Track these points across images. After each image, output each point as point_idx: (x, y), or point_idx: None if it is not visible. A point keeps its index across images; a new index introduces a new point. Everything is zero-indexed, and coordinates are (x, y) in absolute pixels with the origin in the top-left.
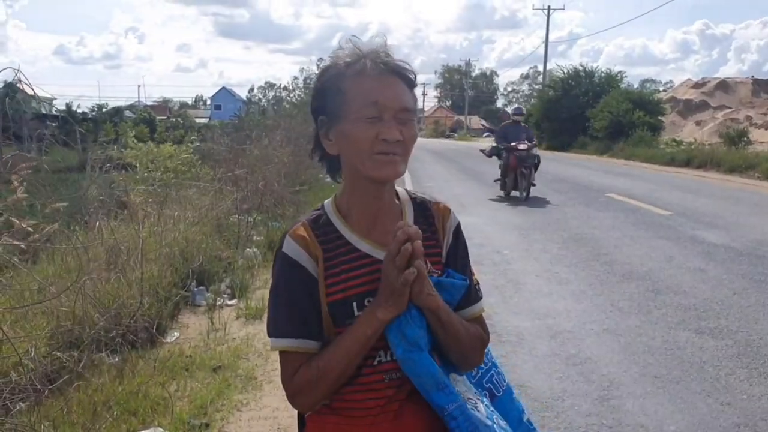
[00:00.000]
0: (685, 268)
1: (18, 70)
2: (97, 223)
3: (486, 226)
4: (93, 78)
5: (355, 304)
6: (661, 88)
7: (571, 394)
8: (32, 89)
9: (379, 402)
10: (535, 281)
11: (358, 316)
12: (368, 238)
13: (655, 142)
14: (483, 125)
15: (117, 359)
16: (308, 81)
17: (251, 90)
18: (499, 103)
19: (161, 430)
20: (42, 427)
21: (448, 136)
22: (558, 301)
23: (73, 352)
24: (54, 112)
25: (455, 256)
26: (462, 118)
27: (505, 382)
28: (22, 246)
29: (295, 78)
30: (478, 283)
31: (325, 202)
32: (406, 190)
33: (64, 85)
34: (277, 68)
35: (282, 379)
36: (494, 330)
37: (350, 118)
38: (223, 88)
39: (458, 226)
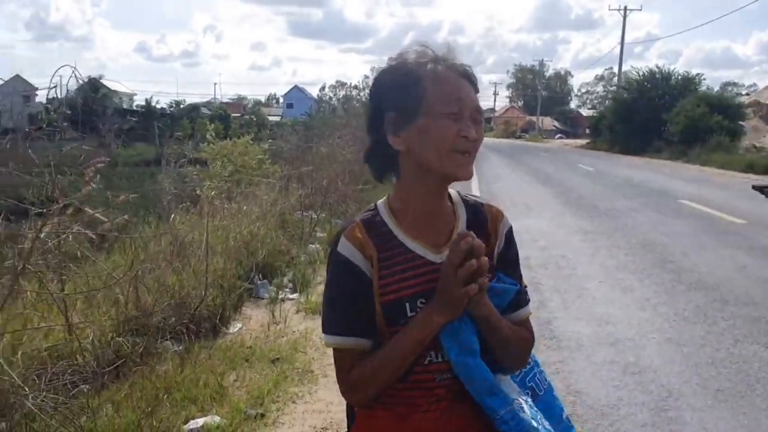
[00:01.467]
0: (757, 278)
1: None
2: (173, 216)
3: (551, 229)
4: (172, 75)
5: (408, 304)
6: (743, 92)
7: (628, 403)
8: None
9: (429, 400)
10: (598, 287)
11: (410, 317)
12: (421, 239)
13: (733, 147)
14: (555, 126)
15: (180, 347)
16: None
17: (322, 88)
18: (573, 105)
19: (218, 418)
20: (105, 409)
21: (519, 137)
22: (620, 308)
23: (137, 339)
24: (134, 108)
25: (506, 260)
26: (534, 118)
27: (546, 381)
28: (91, 235)
29: (366, 77)
30: (526, 287)
31: (378, 202)
32: (458, 192)
33: (145, 81)
34: (348, 67)
35: (337, 375)
36: (553, 335)
37: (432, 113)
38: (296, 86)
39: (510, 229)
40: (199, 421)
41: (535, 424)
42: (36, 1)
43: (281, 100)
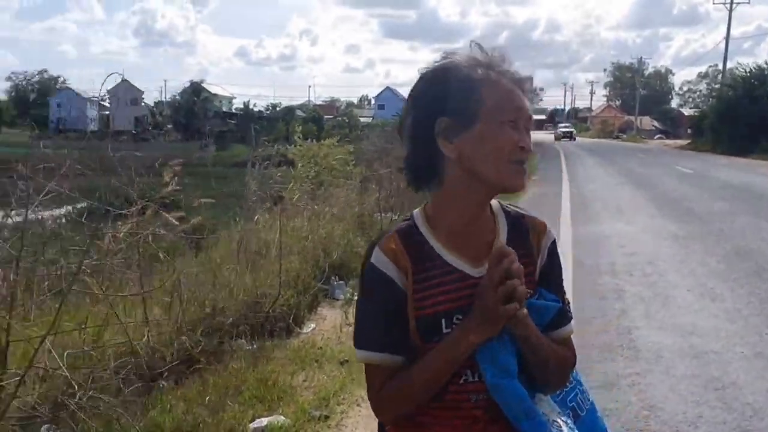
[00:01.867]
0: None
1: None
2: (256, 217)
3: (642, 234)
4: (269, 78)
5: (443, 320)
6: None
7: (707, 421)
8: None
9: (465, 421)
10: (685, 296)
11: (446, 334)
12: (459, 252)
13: None
14: (655, 126)
15: (254, 346)
16: None
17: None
18: (674, 104)
19: (282, 418)
20: (178, 405)
21: (617, 137)
22: (707, 319)
23: (212, 338)
24: (233, 111)
25: (549, 276)
26: (632, 118)
27: (589, 400)
28: (163, 233)
29: None
30: (569, 303)
31: (414, 212)
32: (499, 202)
33: (244, 85)
34: None
35: (367, 392)
36: (632, 345)
37: (493, 120)
38: (387, 87)
39: (554, 243)
40: (264, 421)
41: None
42: (144, 9)
43: (373, 101)
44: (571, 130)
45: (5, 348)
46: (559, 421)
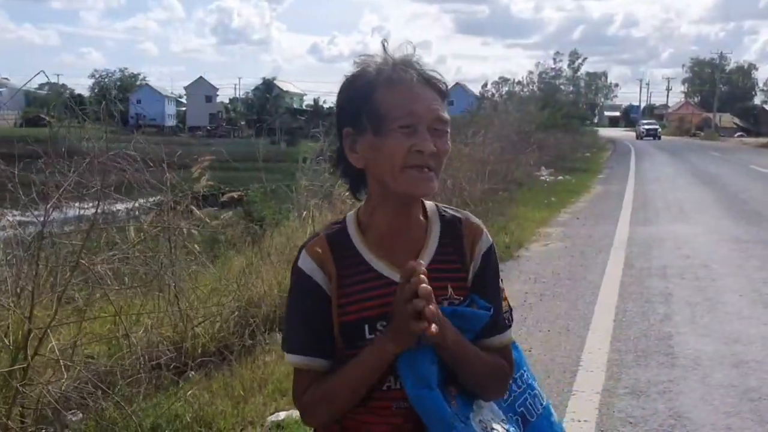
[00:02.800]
0: None
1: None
2: (305, 213)
3: (702, 236)
4: (340, 75)
5: (367, 326)
6: None
7: None
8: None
9: (385, 428)
10: (736, 302)
11: (369, 340)
12: (386, 259)
13: None
14: (736, 124)
15: None
16: (543, 75)
17: (484, 85)
18: (757, 100)
19: (297, 414)
20: (203, 396)
21: (694, 135)
22: (756, 326)
23: (245, 330)
24: (304, 107)
25: (483, 282)
26: (710, 115)
27: (541, 405)
28: (193, 231)
29: (530, 72)
30: (510, 310)
31: (348, 215)
32: (436, 205)
33: (315, 82)
34: (513, 63)
35: (293, 395)
36: (670, 351)
37: (383, 128)
38: (457, 84)
39: (490, 248)
40: (281, 415)
41: None
42: (221, 8)
43: None
44: (656, 127)
45: (27, 335)
46: (497, 427)
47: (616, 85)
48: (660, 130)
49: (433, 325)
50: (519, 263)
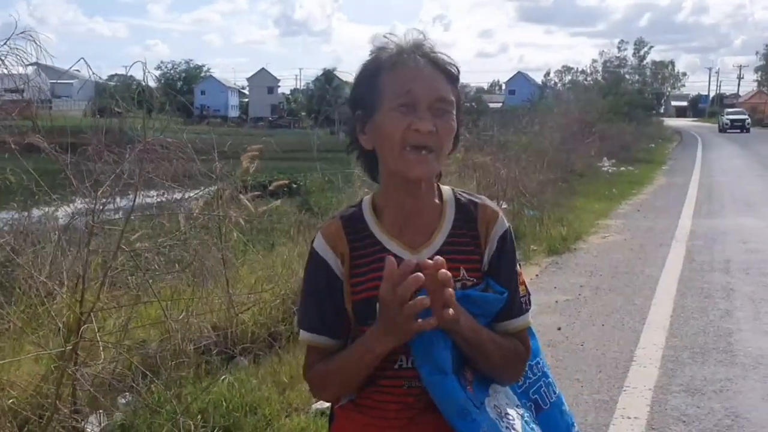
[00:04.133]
0: None
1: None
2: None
3: None
4: None
5: (378, 304)
6: None
7: None
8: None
9: (398, 407)
10: None
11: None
12: (399, 239)
13: None
14: None
15: None
16: (607, 64)
17: (547, 74)
18: None
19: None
20: (250, 381)
21: (767, 125)
22: None
23: (291, 319)
24: None
25: (498, 266)
26: None
27: (555, 393)
28: (239, 219)
29: (594, 61)
30: (528, 295)
31: (364, 197)
32: (452, 189)
33: None
34: (577, 52)
35: (302, 369)
36: (729, 348)
37: (384, 107)
38: (519, 72)
39: (506, 232)
40: (325, 403)
41: None
42: (284, 0)
43: (504, 86)
44: (744, 117)
45: (79, 318)
46: (512, 413)
47: (684, 74)
48: (749, 121)
49: (450, 310)
50: (576, 256)
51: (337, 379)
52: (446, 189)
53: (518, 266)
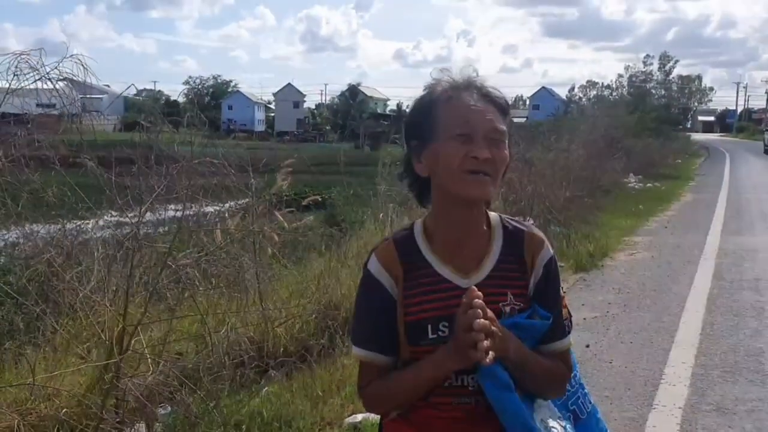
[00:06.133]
0: None
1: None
2: (381, 215)
3: None
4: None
5: (429, 326)
6: None
7: None
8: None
9: (446, 422)
10: None
11: (432, 339)
12: (451, 263)
13: None
14: None
15: None
16: (633, 79)
17: (571, 89)
18: None
19: (374, 417)
20: (283, 395)
21: None
22: None
23: (325, 333)
24: (387, 112)
25: (544, 292)
26: None
27: (590, 403)
28: (274, 235)
29: (620, 76)
30: (570, 317)
31: (416, 222)
32: (500, 216)
33: (400, 87)
34: (602, 66)
35: (357, 385)
36: (760, 368)
37: (442, 136)
38: (543, 87)
39: (551, 259)
40: (358, 417)
41: None
42: (310, 16)
43: (527, 101)
44: None
45: (122, 332)
46: (555, 425)
47: (711, 88)
48: None
49: (489, 357)
50: (603, 272)
51: (400, 395)
52: (494, 215)
53: (561, 290)
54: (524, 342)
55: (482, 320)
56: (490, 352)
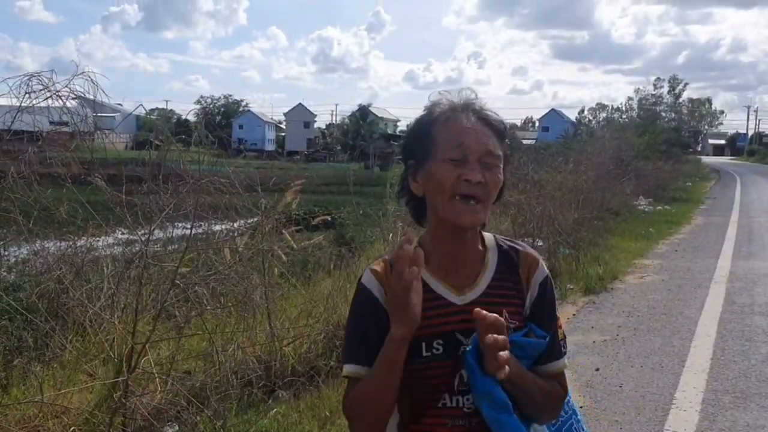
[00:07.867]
0: None
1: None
2: (390, 235)
3: None
4: None
5: (424, 344)
6: None
7: None
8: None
9: None
10: None
11: (425, 357)
12: (445, 281)
13: None
14: None
15: None
16: (643, 102)
17: (581, 111)
18: None
19: None
20: (291, 415)
21: None
22: None
23: (332, 353)
24: (397, 133)
25: (540, 311)
26: None
27: (583, 429)
28: (282, 255)
29: (630, 98)
30: (564, 339)
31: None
32: (495, 237)
33: (410, 108)
34: (612, 89)
35: (342, 403)
36: None
37: (436, 158)
38: (552, 109)
39: (546, 279)
40: None
41: None
42: (322, 38)
43: (537, 123)
44: None
45: (131, 350)
46: None
47: (722, 112)
48: None
49: (503, 372)
50: (613, 296)
51: (369, 393)
52: (488, 236)
53: (556, 311)
54: (520, 361)
55: (502, 338)
56: (506, 366)
